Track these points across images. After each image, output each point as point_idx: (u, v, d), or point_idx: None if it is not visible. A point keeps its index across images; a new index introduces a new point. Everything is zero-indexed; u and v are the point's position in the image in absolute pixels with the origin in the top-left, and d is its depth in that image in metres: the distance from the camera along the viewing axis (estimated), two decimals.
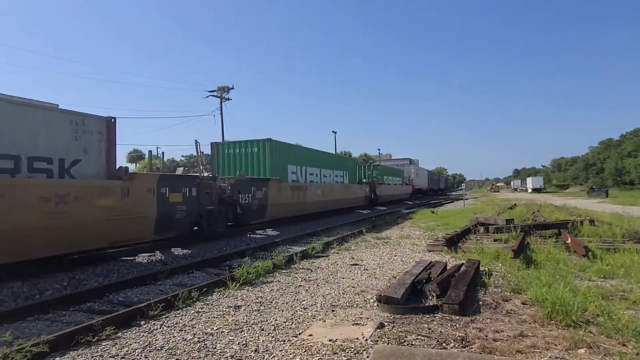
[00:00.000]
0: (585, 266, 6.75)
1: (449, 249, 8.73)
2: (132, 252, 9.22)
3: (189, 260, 8.75)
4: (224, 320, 4.56)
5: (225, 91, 37.18)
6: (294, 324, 4.43)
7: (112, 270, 7.80)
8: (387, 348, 3.38)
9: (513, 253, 7.11)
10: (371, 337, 3.86)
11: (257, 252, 9.48)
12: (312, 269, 7.42)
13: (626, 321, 3.88)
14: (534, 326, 4.11)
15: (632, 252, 7.35)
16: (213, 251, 10.14)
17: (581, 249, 7.52)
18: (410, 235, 12.09)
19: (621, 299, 4.96)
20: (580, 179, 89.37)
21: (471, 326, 4.14)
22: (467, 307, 4.69)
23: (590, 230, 9.96)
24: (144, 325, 4.50)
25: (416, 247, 9.82)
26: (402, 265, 7.54)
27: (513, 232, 9.80)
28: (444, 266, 6.40)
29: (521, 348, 3.54)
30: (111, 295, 6.02)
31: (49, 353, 3.65)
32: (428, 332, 4.00)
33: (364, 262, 7.94)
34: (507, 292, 5.39)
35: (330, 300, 5.32)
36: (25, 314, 5.00)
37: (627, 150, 73.74)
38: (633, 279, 5.79)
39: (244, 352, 3.69)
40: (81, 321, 4.76)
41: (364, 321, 4.36)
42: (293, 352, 3.63)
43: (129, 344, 3.94)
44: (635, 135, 79.25)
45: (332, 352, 3.56)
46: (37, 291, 6.31)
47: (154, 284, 6.68)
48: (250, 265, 6.78)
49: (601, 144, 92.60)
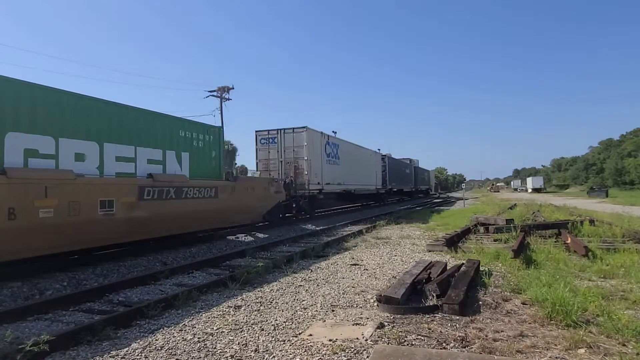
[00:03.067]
0: (585, 266, 6.75)
1: (449, 249, 8.72)
2: (133, 253, 9.21)
3: (189, 260, 8.75)
4: (224, 320, 4.56)
5: (225, 91, 37.14)
6: (294, 324, 4.43)
7: (112, 270, 7.81)
8: (387, 348, 3.38)
9: (513, 253, 7.11)
10: (371, 337, 3.86)
11: (257, 252, 9.49)
12: (312, 269, 7.42)
13: (626, 321, 3.88)
14: (534, 326, 4.11)
15: (632, 252, 7.35)
16: (213, 251, 10.15)
17: (581, 249, 7.52)
18: (410, 235, 12.09)
19: (621, 299, 4.96)
20: (580, 179, 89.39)
21: (471, 326, 4.14)
22: (467, 307, 4.69)
23: (590, 230, 9.96)
24: (144, 325, 4.50)
25: (416, 247, 9.82)
26: (402, 265, 7.54)
27: (513, 232, 9.80)
28: (444, 266, 6.39)
29: (521, 348, 3.54)
30: (111, 295, 6.02)
31: (49, 353, 3.65)
32: (428, 332, 4.00)
33: (364, 262, 7.94)
34: (507, 292, 5.39)
35: (330, 300, 5.32)
36: (25, 314, 5.00)
37: (627, 150, 73.76)
38: (633, 279, 5.79)
39: (244, 352, 3.69)
40: (81, 321, 4.76)
41: (364, 321, 4.35)
42: (293, 352, 3.63)
43: (129, 344, 3.95)
44: (635, 135, 79.26)
45: (332, 352, 3.56)
46: (37, 291, 6.31)
47: (154, 284, 6.68)
48: (250, 265, 6.78)
49: (601, 144, 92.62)
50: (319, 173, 19.06)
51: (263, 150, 18.62)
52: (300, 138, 18.07)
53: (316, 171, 18.72)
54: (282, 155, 18.17)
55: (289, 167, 17.92)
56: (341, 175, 22.07)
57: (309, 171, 17.89)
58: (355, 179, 24.33)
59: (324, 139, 20.17)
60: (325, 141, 20.23)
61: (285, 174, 17.65)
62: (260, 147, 18.72)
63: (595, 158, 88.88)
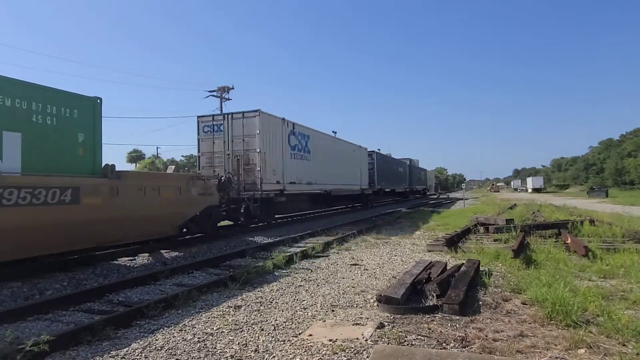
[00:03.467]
0: (585, 266, 6.75)
1: (449, 249, 8.72)
2: (133, 253, 9.22)
3: (189, 260, 8.75)
4: (224, 320, 4.56)
5: (225, 91, 37.14)
6: (294, 324, 4.43)
7: (112, 270, 7.80)
8: (387, 348, 3.38)
9: (513, 253, 7.12)
10: (371, 337, 3.86)
11: (257, 252, 9.48)
12: (312, 269, 7.43)
13: (626, 321, 3.88)
14: (534, 326, 4.11)
15: (632, 252, 7.35)
16: (213, 251, 10.14)
17: (581, 249, 7.52)
18: (410, 235, 12.09)
19: (621, 299, 4.96)
20: (580, 179, 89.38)
21: (471, 326, 4.14)
22: (467, 307, 4.69)
23: (590, 230, 9.96)
24: (144, 325, 4.50)
25: (416, 247, 9.82)
26: (402, 265, 7.54)
27: (513, 232, 9.81)
28: (444, 266, 6.39)
29: (521, 348, 3.54)
30: (111, 295, 6.02)
31: (49, 353, 3.65)
32: (428, 332, 4.00)
33: (364, 262, 7.94)
34: (507, 292, 5.39)
35: (330, 300, 5.32)
36: (25, 314, 4.99)
37: (627, 150, 73.75)
38: (633, 279, 5.79)
39: (244, 352, 3.69)
40: (81, 321, 4.76)
41: (364, 321, 4.36)
42: (293, 352, 3.63)
43: (129, 344, 3.94)
44: (635, 135, 79.25)
45: (332, 352, 3.56)
46: (37, 291, 6.30)
47: (154, 284, 6.68)
48: (250, 265, 6.78)
49: (601, 144, 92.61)
50: (278, 170, 15.25)
51: (206, 140, 14.78)
52: (251, 125, 14.13)
53: (274, 167, 14.96)
54: (229, 147, 14.38)
55: (237, 162, 14.14)
56: (312, 173, 18.13)
57: (263, 167, 14.11)
58: (333, 178, 20.47)
59: (287, 127, 16.20)
60: (288, 130, 16.30)
61: (233, 170, 13.96)
62: (203, 137, 14.87)
63: (595, 158, 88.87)
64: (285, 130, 16.07)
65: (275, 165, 15.06)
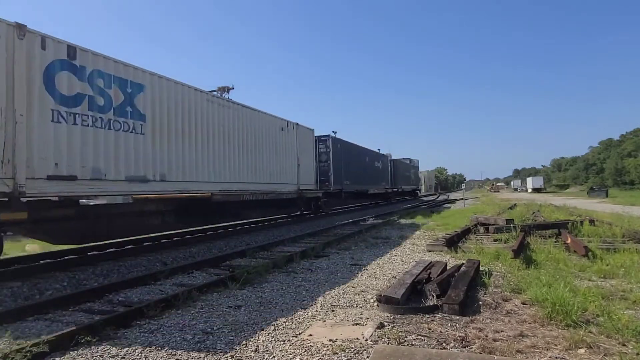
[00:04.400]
0: (585, 266, 6.75)
1: (449, 249, 8.73)
2: (134, 252, 9.22)
3: (189, 260, 8.75)
4: (224, 320, 4.56)
5: (225, 91, 37.14)
6: (294, 324, 4.43)
7: (112, 270, 7.80)
8: (387, 348, 3.38)
9: (513, 253, 7.11)
10: (371, 337, 3.86)
11: (257, 252, 9.48)
12: (312, 269, 7.42)
13: (626, 321, 3.88)
14: (534, 326, 4.11)
15: (632, 252, 7.35)
16: (213, 251, 10.14)
17: (581, 249, 7.52)
18: (410, 235, 12.09)
19: (621, 299, 4.96)
20: (581, 179, 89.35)
21: (471, 326, 4.14)
22: (467, 307, 4.69)
23: (590, 230, 9.96)
24: (144, 325, 4.50)
25: (416, 247, 9.82)
26: (402, 265, 7.54)
27: (513, 232, 9.81)
28: (444, 266, 6.39)
29: (521, 348, 3.54)
30: (111, 295, 6.02)
31: (49, 353, 3.65)
32: (428, 332, 4.00)
33: (364, 262, 7.94)
34: (507, 292, 5.39)
35: (330, 300, 5.32)
36: (25, 314, 4.99)
37: (627, 150, 73.73)
38: (633, 279, 5.79)
39: (244, 352, 3.69)
40: (81, 321, 4.76)
41: (364, 321, 4.36)
42: (293, 352, 3.63)
43: (129, 344, 3.94)
44: (635, 135, 79.23)
45: (332, 352, 3.56)
46: (37, 291, 6.31)
47: (154, 284, 6.68)
48: (250, 265, 6.78)
49: (601, 144, 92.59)
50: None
51: None
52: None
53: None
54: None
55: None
56: (156, 158, 9.37)
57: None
58: (228, 170, 12.07)
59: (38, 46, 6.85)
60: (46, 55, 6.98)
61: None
62: None
63: (595, 158, 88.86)
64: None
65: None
